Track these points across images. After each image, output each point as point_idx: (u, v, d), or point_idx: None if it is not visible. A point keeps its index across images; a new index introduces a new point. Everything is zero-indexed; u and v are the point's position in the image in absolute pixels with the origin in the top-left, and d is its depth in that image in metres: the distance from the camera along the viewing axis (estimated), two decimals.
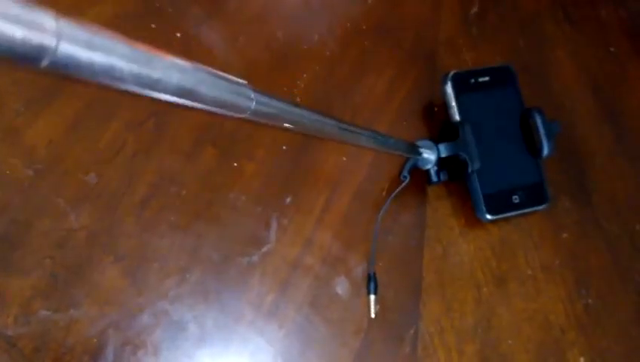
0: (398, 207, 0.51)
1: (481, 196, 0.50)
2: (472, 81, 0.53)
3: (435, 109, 0.56)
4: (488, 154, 0.51)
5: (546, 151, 0.51)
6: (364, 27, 0.60)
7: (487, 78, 0.54)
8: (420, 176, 0.53)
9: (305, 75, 0.55)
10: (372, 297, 0.47)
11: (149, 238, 0.46)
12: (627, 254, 0.52)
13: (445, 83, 0.53)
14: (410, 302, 0.48)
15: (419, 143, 0.49)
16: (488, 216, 0.50)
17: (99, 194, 0.47)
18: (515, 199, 0.51)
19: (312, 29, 0.59)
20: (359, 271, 0.48)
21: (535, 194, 0.52)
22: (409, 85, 0.58)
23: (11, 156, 0.47)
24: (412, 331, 0.47)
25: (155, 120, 0.51)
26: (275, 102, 0.32)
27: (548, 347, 0.47)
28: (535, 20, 0.64)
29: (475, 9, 0.63)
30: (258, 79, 0.55)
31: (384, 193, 0.52)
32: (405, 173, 0.50)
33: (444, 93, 0.53)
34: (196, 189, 0.49)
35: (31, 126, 0.49)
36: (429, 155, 0.49)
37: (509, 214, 0.51)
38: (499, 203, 0.51)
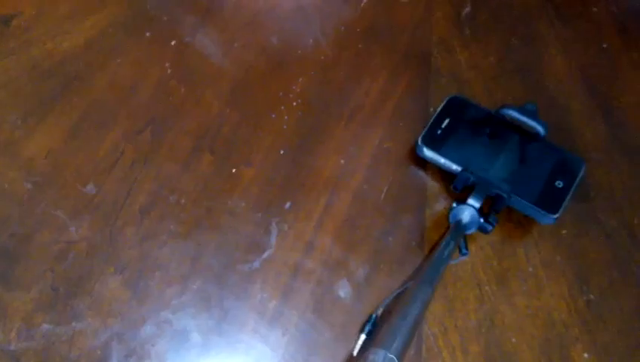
0: (397, 208, 0.51)
1: (533, 206, 0.50)
2: (439, 132, 0.53)
3: (431, 110, 0.57)
4: (506, 170, 0.51)
5: (542, 130, 0.51)
6: (357, 30, 0.61)
7: (447, 120, 0.53)
8: (417, 179, 0.53)
9: (300, 80, 0.56)
10: (362, 336, 0.45)
11: (149, 248, 0.46)
12: (626, 248, 0.52)
13: (422, 151, 0.52)
14: None
15: (454, 218, 0.48)
16: (555, 216, 0.49)
17: (98, 205, 0.47)
18: (559, 184, 0.51)
19: (306, 34, 0.59)
20: (361, 273, 0.48)
21: (569, 167, 0.52)
22: (404, 87, 0.58)
23: (10, 169, 0.47)
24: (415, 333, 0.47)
25: (152, 128, 0.51)
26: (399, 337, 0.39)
27: (552, 344, 0.47)
28: (527, 19, 0.64)
29: (466, 9, 0.63)
30: (254, 85, 0.56)
31: (382, 195, 0.52)
32: (464, 250, 0.48)
33: (427, 159, 0.53)
34: (195, 197, 0.49)
35: (28, 139, 0.49)
36: (470, 219, 0.48)
37: (566, 201, 0.50)
38: (551, 199, 0.50)
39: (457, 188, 0.51)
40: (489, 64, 0.60)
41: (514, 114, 0.52)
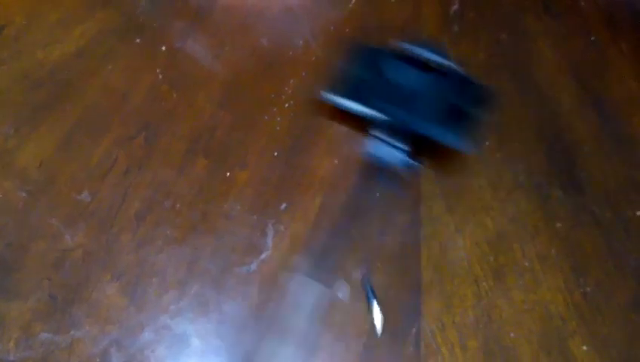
0: (392, 207, 0.51)
1: (451, 135, 0.51)
2: (349, 79, 0.54)
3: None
4: (418, 105, 0.52)
5: (443, 60, 0.53)
6: (347, 31, 0.61)
7: (354, 66, 0.54)
8: (411, 177, 0.54)
9: (292, 81, 0.56)
10: (374, 301, 0.46)
11: (146, 254, 0.46)
12: (621, 240, 0.53)
13: (333, 99, 0.53)
14: (411, 300, 0.48)
15: (377, 159, 0.50)
16: (470, 141, 0.51)
17: (93, 212, 0.47)
18: (469, 110, 0.53)
19: (296, 36, 0.59)
20: (358, 274, 0.48)
21: (476, 93, 0.54)
22: None
23: (4, 180, 0.47)
24: (414, 330, 0.47)
25: (146, 134, 0.51)
26: None
27: (550, 337, 0.48)
28: (515, 14, 0.64)
29: (455, 7, 0.64)
30: (245, 87, 0.56)
31: (377, 194, 0.52)
32: (394, 185, 0.51)
33: (341, 107, 0.53)
34: (190, 201, 0.49)
35: (22, 148, 0.49)
36: (392, 158, 0.50)
37: (478, 125, 0.52)
38: (464, 125, 0.52)
39: (376, 130, 0.53)
40: (479, 60, 0.61)
41: (414, 48, 0.54)
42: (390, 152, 0.49)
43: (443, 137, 0.51)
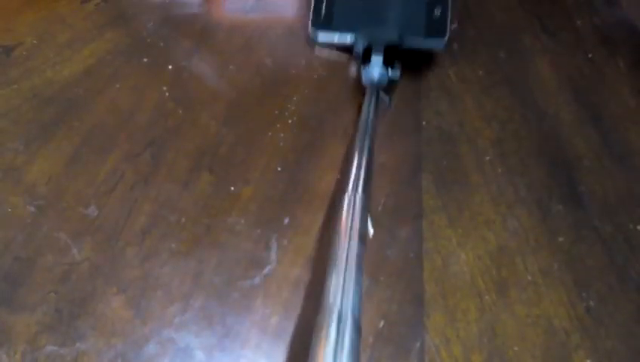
0: (394, 221, 0.52)
1: (425, 38, 0.55)
2: (323, 13, 0.57)
3: (424, 123, 0.58)
4: (391, 19, 0.56)
5: None
6: (349, 48, 0.62)
7: (324, 1, 0.57)
8: (413, 191, 0.54)
9: (295, 98, 0.57)
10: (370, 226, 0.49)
11: (151, 267, 0.47)
12: (623, 254, 0.53)
13: (317, 36, 0.57)
14: (414, 314, 0.48)
15: (367, 78, 0.53)
16: (445, 38, 0.55)
17: (99, 227, 0.48)
18: (437, 12, 0.57)
19: (299, 55, 0.61)
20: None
21: None
22: (395, 101, 0.59)
23: (13, 195, 0.48)
24: (418, 344, 0.47)
25: (152, 150, 0.52)
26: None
27: (554, 351, 0.47)
28: (513, 33, 0.66)
29: (454, 25, 0.65)
30: (249, 105, 0.57)
31: (380, 208, 0.52)
32: (388, 100, 0.54)
33: (324, 43, 0.58)
34: (195, 216, 0.50)
35: (31, 164, 0.50)
36: (379, 73, 0.53)
37: (449, 23, 0.56)
38: (437, 26, 0.56)
39: (359, 53, 0.55)
40: (478, 77, 0.62)
41: None
42: (375, 68, 0.53)
43: (422, 43, 0.55)
